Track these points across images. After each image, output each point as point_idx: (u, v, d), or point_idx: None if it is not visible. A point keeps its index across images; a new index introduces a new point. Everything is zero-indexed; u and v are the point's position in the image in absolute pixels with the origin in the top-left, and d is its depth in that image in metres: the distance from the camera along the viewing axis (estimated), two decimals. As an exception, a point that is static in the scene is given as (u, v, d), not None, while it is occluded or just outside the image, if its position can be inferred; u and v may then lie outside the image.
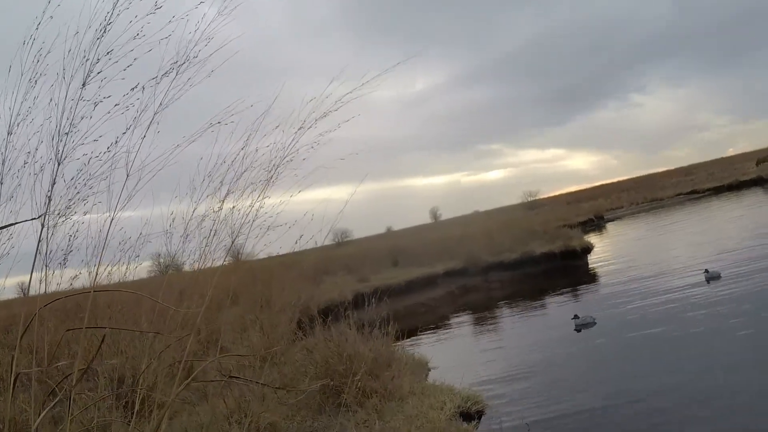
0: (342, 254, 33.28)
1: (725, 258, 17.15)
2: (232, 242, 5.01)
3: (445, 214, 71.22)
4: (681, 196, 55.01)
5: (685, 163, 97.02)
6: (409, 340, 15.63)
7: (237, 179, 4.92)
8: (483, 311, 19.47)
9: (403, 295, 22.75)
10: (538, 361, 11.31)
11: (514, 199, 75.61)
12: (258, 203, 5.00)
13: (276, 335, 10.15)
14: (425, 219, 70.74)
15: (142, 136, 4.06)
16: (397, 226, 68.11)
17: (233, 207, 5.02)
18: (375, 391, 7.73)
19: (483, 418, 7.84)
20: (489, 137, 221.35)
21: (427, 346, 14.78)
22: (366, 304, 11.41)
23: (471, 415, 7.62)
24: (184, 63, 4.15)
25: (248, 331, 11.18)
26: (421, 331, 17.17)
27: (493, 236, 27.48)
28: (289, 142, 4.96)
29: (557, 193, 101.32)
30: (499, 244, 26.29)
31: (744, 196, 40.68)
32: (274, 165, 4.95)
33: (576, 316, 13.15)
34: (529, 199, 68.06)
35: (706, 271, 14.93)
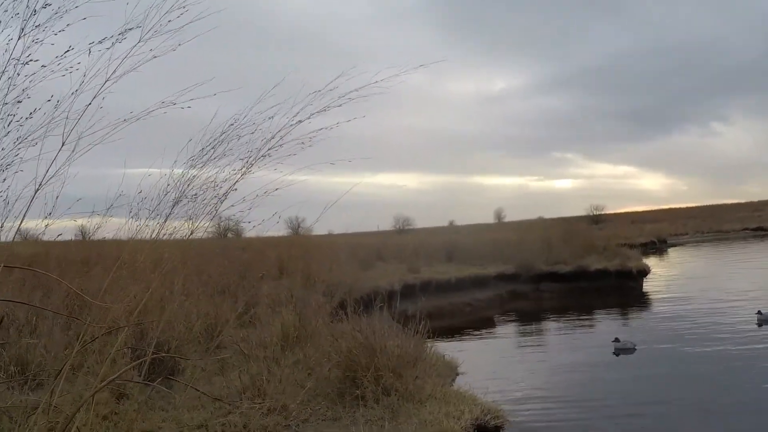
0: (398, 242, 33.17)
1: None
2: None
3: (510, 216, 70.11)
4: (746, 231, 53.55)
5: (755, 198, 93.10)
6: (446, 338, 15.45)
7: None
8: (528, 320, 19.18)
9: (451, 291, 22.54)
10: (568, 381, 10.99)
11: (580, 210, 74.03)
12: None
13: (309, 315, 10.11)
14: (489, 218, 69.70)
15: (88, 103, 3.89)
16: (460, 221, 67.29)
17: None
18: (395, 389, 7.58)
19: (500, 433, 7.61)
20: (565, 145, 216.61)
21: (462, 348, 14.54)
22: (410, 296, 11.28)
23: (488, 429, 7.41)
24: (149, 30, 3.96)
25: (283, 306, 11.12)
26: (460, 332, 16.98)
27: (552, 245, 26.92)
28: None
29: (623, 210, 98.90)
30: (556, 254, 25.74)
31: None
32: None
33: (617, 339, 12.70)
34: (594, 213, 66.79)
35: (759, 312, 14.13)
